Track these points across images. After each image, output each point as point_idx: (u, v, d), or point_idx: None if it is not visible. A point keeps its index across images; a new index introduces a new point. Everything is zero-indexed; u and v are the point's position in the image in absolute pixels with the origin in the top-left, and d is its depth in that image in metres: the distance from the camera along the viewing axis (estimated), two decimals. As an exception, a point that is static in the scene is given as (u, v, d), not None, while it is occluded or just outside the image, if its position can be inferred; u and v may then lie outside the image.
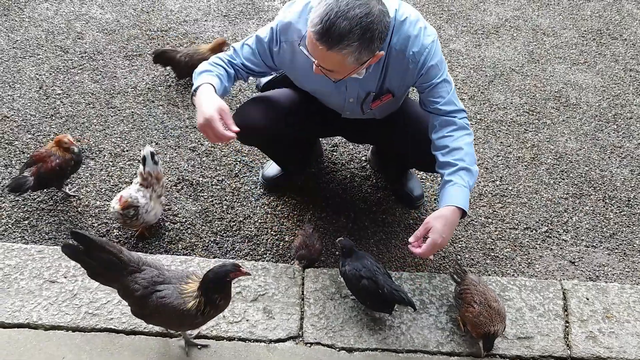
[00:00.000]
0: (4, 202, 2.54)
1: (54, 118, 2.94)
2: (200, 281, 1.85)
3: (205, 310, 1.84)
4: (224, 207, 2.64)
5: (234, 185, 2.73)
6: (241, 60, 2.19)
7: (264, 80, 2.50)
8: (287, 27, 2.08)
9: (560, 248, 2.63)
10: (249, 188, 2.73)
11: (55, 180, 2.49)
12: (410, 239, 2.02)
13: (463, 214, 2.03)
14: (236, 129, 1.99)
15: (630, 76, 3.62)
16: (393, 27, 1.98)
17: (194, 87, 2.09)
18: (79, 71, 3.22)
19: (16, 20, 3.47)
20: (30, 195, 2.57)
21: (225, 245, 2.49)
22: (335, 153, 2.95)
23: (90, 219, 2.52)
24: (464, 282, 2.19)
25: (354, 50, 1.82)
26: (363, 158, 2.93)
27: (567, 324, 2.27)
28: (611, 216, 2.80)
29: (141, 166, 2.39)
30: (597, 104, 3.40)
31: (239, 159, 2.85)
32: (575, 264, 2.57)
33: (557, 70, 3.61)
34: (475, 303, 2.08)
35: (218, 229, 2.55)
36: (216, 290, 1.83)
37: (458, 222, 2.06)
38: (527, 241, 2.64)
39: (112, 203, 2.37)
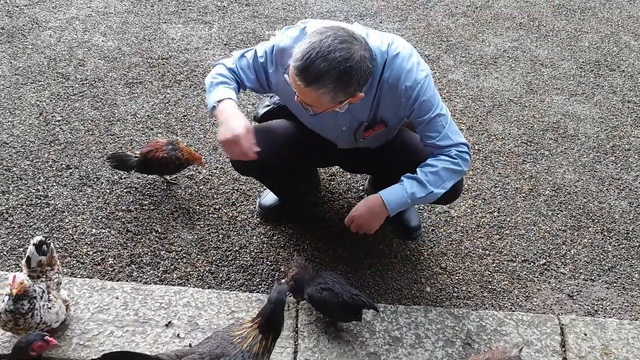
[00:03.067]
0: (0, 229, 2.54)
1: (52, 145, 2.95)
2: (257, 323, 1.78)
3: (271, 346, 1.78)
4: (220, 236, 2.63)
5: (230, 214, 2.73)
6: (239, 72, 2.23)
7: (262, 111, 2.52)
8: (282, 52, 2.11)
9: (559, 281, 2.61)
10: (245, 217, 2.72)
11: (156, 170, 2.71)
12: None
13: (388, 213, 2.15)
14: (257, 149, 2.06)
15: (628, 107, 3.63)
16: (385, 62, 2.01)
17: (214, 99, 2.11)
18: (79, 98, 3.24)
19: (19, 47, 3.51)
20: (26, 222, 2.57)
21: (221, 275, 2.47)
22: (332, 182, 2.95)
23: (85, 247, 2.51)
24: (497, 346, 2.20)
25: (329, 90, 1.87)
26: (361, 187, 2.92)
27: (565, 361, 2.24)
28: (610, 249, 2.78)
29: (23, 262, 1.99)
30: (595, 135, 3.40)
31: (236, 188, 2.85)
32: (574, 297, 2.55)
33: (555, 101, 3.62)
34: (482, 355, 2.05)
35: (214, 258, 2.54)
36: (282, 317, 1.80)
37: (381, 214, 2.17)
38: (525, 274, 2.62)
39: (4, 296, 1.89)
